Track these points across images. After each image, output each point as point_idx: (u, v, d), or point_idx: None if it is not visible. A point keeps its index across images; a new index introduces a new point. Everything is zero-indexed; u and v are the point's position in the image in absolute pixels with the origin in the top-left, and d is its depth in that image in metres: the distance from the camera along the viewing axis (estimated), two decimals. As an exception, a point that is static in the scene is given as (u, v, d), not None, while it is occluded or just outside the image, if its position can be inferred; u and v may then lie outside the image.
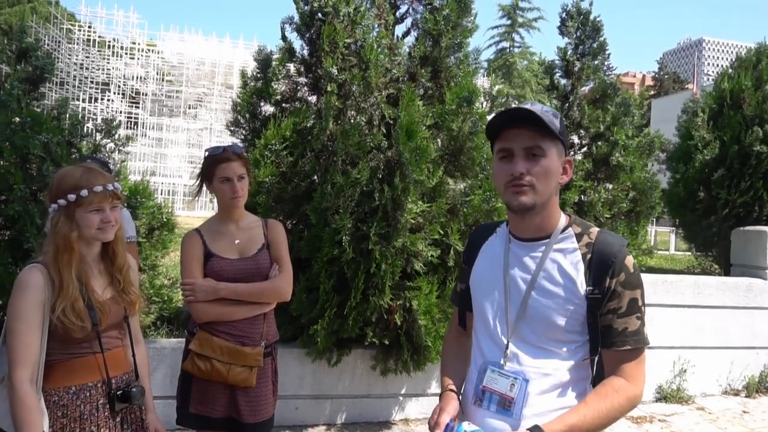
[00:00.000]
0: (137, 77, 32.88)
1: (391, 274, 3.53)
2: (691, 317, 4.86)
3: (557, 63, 6.56)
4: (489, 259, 1.49)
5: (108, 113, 26.78)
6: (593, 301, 1.32)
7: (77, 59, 31.05)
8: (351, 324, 3.57)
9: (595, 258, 1.34)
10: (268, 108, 4.26)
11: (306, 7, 4.02)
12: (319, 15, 3.97)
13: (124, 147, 4.59)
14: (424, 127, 3.68)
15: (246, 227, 2.35)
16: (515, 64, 35.10)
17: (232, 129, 4.42)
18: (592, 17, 6.50)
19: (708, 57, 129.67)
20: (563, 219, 1.42)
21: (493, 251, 1.49)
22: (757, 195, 6.82)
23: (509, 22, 37.26)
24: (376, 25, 4.02)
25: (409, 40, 4.31)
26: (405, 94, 3.62)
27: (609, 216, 5.77)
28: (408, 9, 4.36)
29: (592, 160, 6.03)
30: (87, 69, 31.61)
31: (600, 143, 6.05)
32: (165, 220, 4.56)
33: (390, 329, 3.72)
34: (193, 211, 20.70)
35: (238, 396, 2.24)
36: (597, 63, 6.41)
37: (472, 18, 4.20)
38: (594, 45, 6.48)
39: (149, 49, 33.30)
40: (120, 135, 4.57)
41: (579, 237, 1.39)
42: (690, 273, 7.99)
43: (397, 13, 4.32)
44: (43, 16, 29.75)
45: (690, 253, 9.72)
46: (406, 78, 3.98)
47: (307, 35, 4.08)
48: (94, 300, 1.73)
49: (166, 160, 31.32)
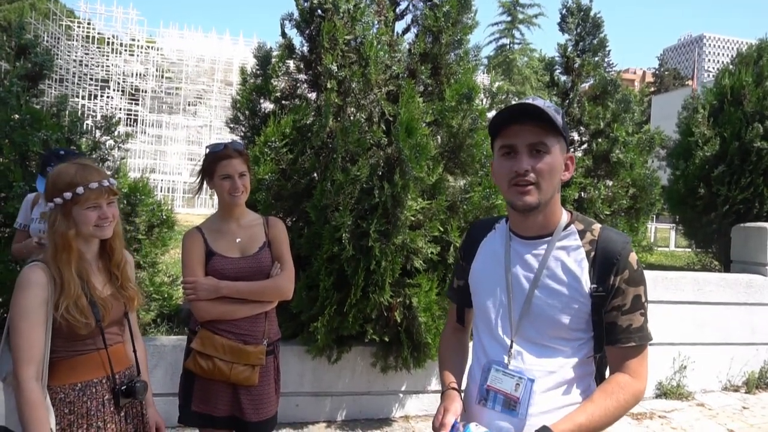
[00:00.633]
0: (137, 74, 32.82)
1: (391, 271, 3.52)
2: (692, 314, 4.87)
3: (557, 59, 6.54)
4: (489, 257, 1.48)
5: (107, 110, 26.77)
6: (598, 299, 1.32)
7: (76, 56, 30.99)
8: (351, 321, 3.57)
9: (600, 256, 1.33)
10: (267, 105, 4.25)
11: (306, 4, 4.01)
12: (319, 11, 3.97)
13: (123, 144, 4.58)
14: (423, 124, 3.67)
15: (247, 225, 2.34)
16: (515, 60, 35.03)
17: (231, 126, 4.42)
18: (592, 14, 6.48)
19: (708, 53, 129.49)
20: (565, 216, 1.41)
21: (493, 248, 1.48)
22: (758, 191, 6.80)
23: (509, 18, 37.18)
24: (375, 22, 4.02)
25: (409, 36, 4.31)
26: (405, 90, 3.62)
27: (609, 213, 5.76)
28: (408, 5, 4.35)
29: (592, 156, 6.02)
30: (86, 66, 31.56)
31: (600, 140, 6.04)
32: (165, 217, 4.55)
33: (390, 326, 3.72)
34: (193, 209, 20.69)
35: (240, 394, 2.24)
36: (597, 59, 6.40)
37: (472, 14, 4.20)
38: (594, 41, 6.46)
39: (149, 46, 33.22)
40: (119, 132, 4.57)
41: (582, 234, 1.38)
42: (690, 269, 7.99)
43: (397, 10, 4.31)
44: (42, 12, 29.66)
45: (690, 250, 9.71)
46: (405, 75, 3.97)
47: (307, 32, 4.07)
48: (95, 296, 1.74)
49: (165, 157, 31.30)
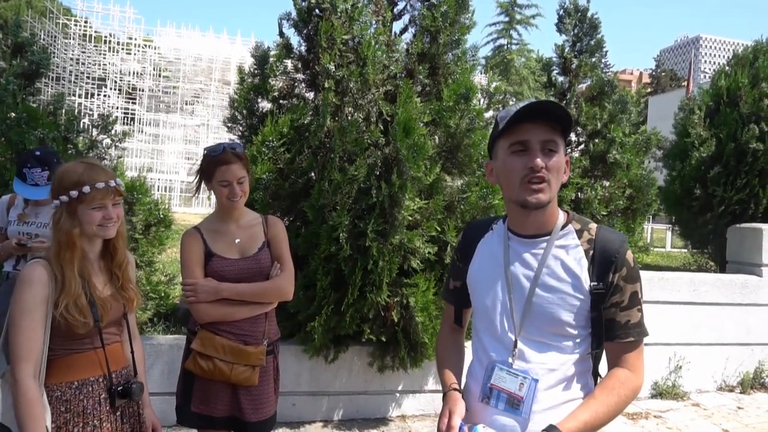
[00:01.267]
0: (134, 73, 32.74)
1: (388, 271, 3.53)
2: (687, 314, 4.89)
3: (555, 60, 6.56)
4: (488, 257, 1.49)
5: (104, 109, 26.69)
6: (597, 296, 1.35)
7: (73, 54, 30.91)
8: (348, 321, 3.57)
9: (598, 254, 1.36)
10: (265, 104, 4.25)
11: (303, 3, 4.01)
12: (317, 11, 3.96)
13: (120, 143, 4.57)
14: (421, 124, 3.68)
15: (246, 225, 2.33)
16: (513, 61, 35.04)
17: (229, 125, 4.41)
18: (589, 14, 6.50)
19: (705, 54, 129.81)
20: (562, 215, 1.43)
21: (491, 248, 1.49)
22: (753, 192, 6.83)
23: (507, 19, 37.17)
24: (373, 22, 4.02)
25: (407, 36, 4.31)
26: (402, 90, 3.62)
27: (606, 213, 5.78)
28: (406, 5, 4.35)
29: (589, 157, 6.04)
30: (83, 64, 31.48)
31: (597, 140, 6.06)
32: (162, 216, 4.54)
33: (387, 326, 3.72)
34: (190, 208, 20.66)
35: (240, 395, 2.23)
36: (594, 60, 6.42)
37: (469, 15, 4.20)
38: (591, 42, 6.48)
39: (146, 45, 33.14)
40: (116, 131, 4.56)
41: (579, 233, 1.40)
42: (686, 270, 8.01)
43: (395, 10, 4.31)
44: (39, 10, 29.54)
45: (686, 250, 9.74)
46: (403, 74, 3.98)
47: (305, 31, 4.07)
48: (95, 296, 1.74)
49: (162, 156, 31.23)
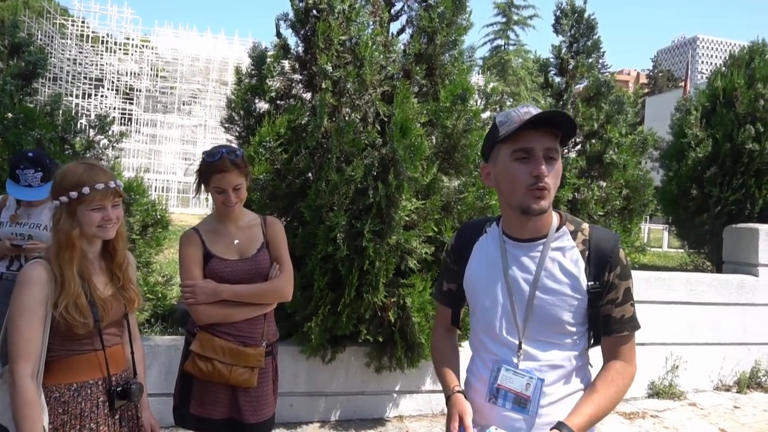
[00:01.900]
0: (131, 73, 32.70)
1: (385, 271, 3.53)
2: (684, 314, 4.90)
3: (552, 61, 6.58)
4: (484, 260, 1.50)
5: (101, 109, 26.64)
6: (594, 295, 1.40)
7: (70, 55, 30.85)
8: (345, 321, 3.57)
9: (593, 254, 1.41)
10: (262, 105, 4.25)
11: (301, 4, 4.01)
12: (314, 12, 3.97)
13: (117, 143, 4.57)
14: (418, 125, 3.68)
15: (245, 226, 2.32)
16: (510, 61, 35.08)
17: (226, 126, 4.41)
18: (586, 15, 6.52)
19: (702, 55, 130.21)
20: (555, 218, 1.46)
21: (487, 252, 1.50)
22: (749, 192, 6.86)
23: (504, 19, 37.21)
24: (371, 22, 4.02)
25: (404, 37, 4.31)
26: (399, 91, 3.63)
27: (602, 213, 5.80)
28: (403, 6, 4.36)
29: (585, 157, 6.06)
30: (80, 65, 31.41)
31: (594, 141, 6.08)
32: (159, 217, 4.54)
33: (384, 326, 3.73)
34: (188, 208, 20.64)
35: (239, 396, 2.23)
36: (591, 61, 6.44)
37: (466, 15, 4.21)
38: (588, 43, 6.50)
39: (143, 45, 33.09)
40: (114, 131, 4.55)
41: (574, 235, 1.44)
42: (683, 270, 8.03)
43: (392, 10, 4.32)
44: (36, 10, 29.47)
45: (683, 251, 9.76)
46: (400, 75, 3.98)
47: (302, 32, 4.07)
48: (95, 297, 1.73)
49: (160, 156, 31.17)
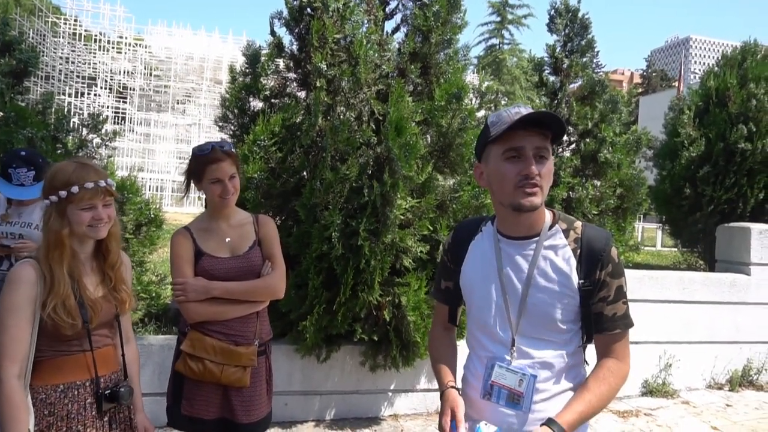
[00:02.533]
0: (124, 72, 32.51)
1: (380, 270, 3.53)
2: (677, 312, 4.92)
3: (546, 60, 6.59)
4: (479, 259, 1.52)
5: (94, 108, 26.48)
6: (585, 293, 1.41)
7: (63, 53, 30.63)
8: (340, 320, 3.57)
9: (585, 252, 1.42)
10: (256, 103, 4.24)
11: (295, 2, 4.00)
12: (308, 10, 3.96)
13: (111, 142, 4.55)
14: (413, 123, 3.68)
15: (237, 224, 2.31)
16: (505, 60, 35.12)
17: (220, 125, 4.40)
18: (580, 14, 6.54)
19: (695, 55, 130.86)
20: (548, 216, 1.47)
21: (483, 250, 1.52)
22: (742, 192, 6.91)
23: (499, 18, 37.26)
24: (365, 21, 4.01)
25: (399, 36, 4.31)
26: (394, 90, 3.62)
27: (597, 212, 5.82)
28: (397, 5, 4.35)
29: (580, 156, 6.07)
30: (73, 63, 31.21)
31: (588, 140, 6.09)
32: (153, 216, 4.53)
33: (379, 325, 3.72)
34: (182, 208, 20.53)
35: (231, 396, 2.21)
36: (585, 60, 6.45)
37: (461, 14, 4.21)
38: (582, 42, 6.51)
39: (136, 44, 32.91)
40: (106, 130, 4.53)
41: (566, 233, 1.45)
42: (676, 269, 8.08)
43: (387, 9, 4.31)
44: (28, 8, 29.25)
45: (676, 249, 9.83)
46: (395, 74, 3.98)
47: (296, 30, 4.06)
48: (85, 297, 1.71)
49: (154, 155, 31.04)
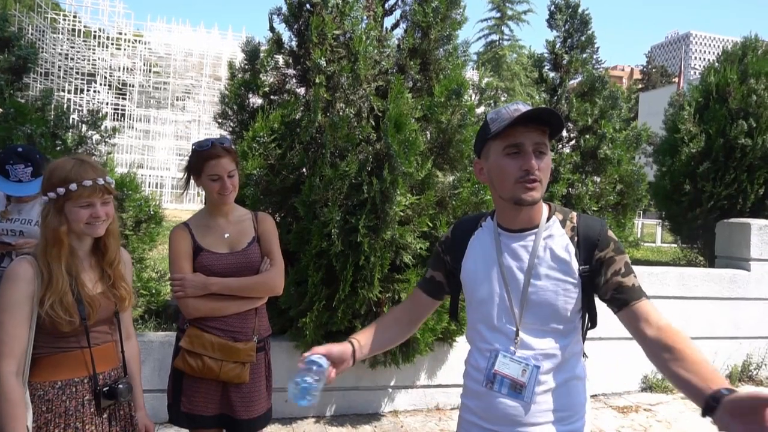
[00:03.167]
0: (124, 68, 32.45)
1: (380, 266, 3.53)
2: (677, 308, 4.93)
3: (546, 56, 6.58)
4: (480, 253, 1.54)
5: (94, 104, 26.44)
6: (586, 279, 1.43)
7: (62, 49, 30.56)
8: (340, 317, 3.57)
9: (582, 238, 1.45)
10: (256, 100, 4.22)
11: (294, -2, 3.98)
12: (308, 6, 3.95)
13: (110, 139, 4.54)
14: (413, 120, 3.67)
15: (235, 220, 2.31)
16: (504, 56, 35.10)
17: (219, 121, 4.39)
18: (580, 10, 6.53)
19: (695, 51, 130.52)
20: (545, 208, 1.51)
21: (483, 245, 1.54)
22: (741, 187, 6.91)
23: (498, 14, 37.23)
24: (364, 17, 4.00)
25: (398, 32, 4.29)
26: (394, 86, 3.62)
27: (596, 209, 5.82)
28: (397, 1, 4.34)
29: (579, 152, 6.07)
30: (72, 59, 31.13)
31: (588, 136, 6.09)
32: (152, 212, 4.52)
33: (379, 321, 3.73)
34: (182, 204, 20.54)
35: (231, 392, 2.21)
36: (585, 56, 6.45)
37: (461, 10, 4.19)
38: (582, 38, 6.51)
39: (136, 40, 32.82)
40: (106, 126, 4.52)
41: (563, 223, 1.50)
42: (675, 265, 8.08)
43: (386, 5, 4.30)
44: (27, 4, 29.19)
45: (676, 245, 9.83)
46: (395, 70, 3.97)
47: (296, 26, 4.05)
48: (83, 294, 1.71)
49: (153, 152, 31.01)
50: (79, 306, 1.68)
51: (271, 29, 4.15)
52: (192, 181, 2.29)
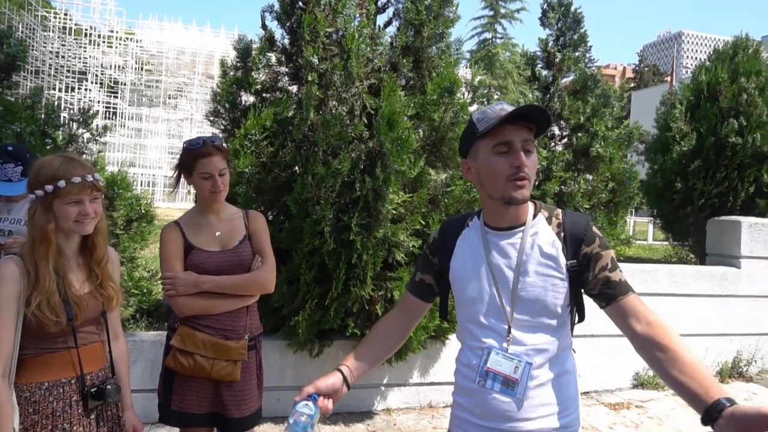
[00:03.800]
0: (115, 66, 32.20)
1: (373, 264, 3.53)
2: (668, 305, 4.96)
3: (539, 54, 6.59)
4: (468, 252, 1.54)
5: (85, 103, 26.24)
6: (574, 273, 1.45)
7: (53, 47, 30.28)
8: (332, 315, 3.56)
9: (568, 234, 1.47)
10: (248, 98, 4.21)
11: (286, -4, 3.96)
12: (300, 3, 3.93)
13: (101, 137, 4.51)
14: (405, 118, 3.67)
15: (227, 219, 2.31)
16: (497, 55, 35.19)
17: (211, 119, 4.36)
18: (573, 9, 6.54)
19: (687, 50, 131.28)
20: (531, 206, 1.53)
21: (471, 244, 1.55)
22: (732, 185, 6.96)
23: (491, 12, 37.33)
24: (357, 15, 3.99)
25: (391, 30, 4.29)
26: (386, 84, 3.61)
27: (588, 206, 5.84)
28: (389, -2, 4.33)
29: (572, 150, 6.09)
30: (63, 57, 30.86)
31: (580, 134, 6.11)
32: (144, 211, 4.50)
33: (372, 320, 3.72)
34: (173, 203, 20.43)
35: (222, 391, 2.21)
36: (578, 54, 6.47)
37: (454, 8, 4.19)
38: (575, 36, 6.53)
39: (127, 38, 32.59)
40: (97, 125, 4.49)
41: (549, 220, 1.52)
42: (667, 262, 8.13)
43: (379, 3, 4.29)
44: (17, 2, 28.87)
45: (667, 243, 9.90)
46: (387, 68, 3.96)
47: (288, 24, 4.03)
48: (70, 294, 1.69)
49: (145, 150, 30.81)
50: (66, 306, 1.66)
51: (264, 27, 4.13)
52: (183, 180, 2.28)
